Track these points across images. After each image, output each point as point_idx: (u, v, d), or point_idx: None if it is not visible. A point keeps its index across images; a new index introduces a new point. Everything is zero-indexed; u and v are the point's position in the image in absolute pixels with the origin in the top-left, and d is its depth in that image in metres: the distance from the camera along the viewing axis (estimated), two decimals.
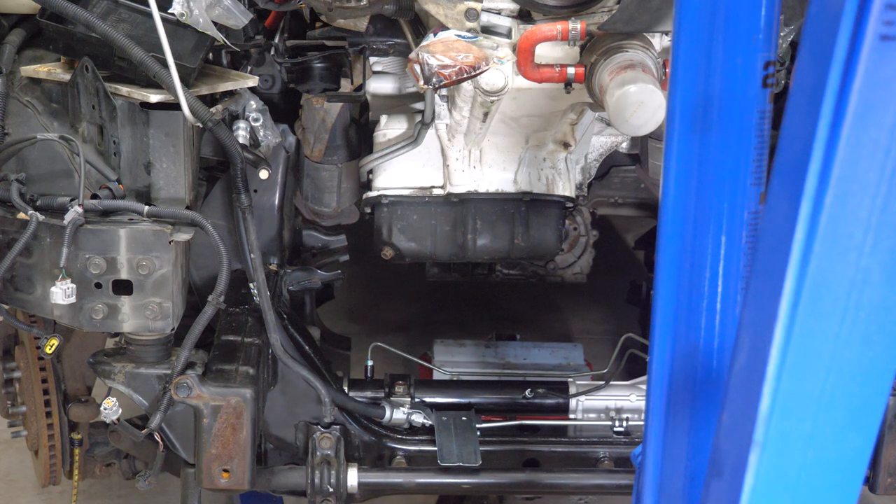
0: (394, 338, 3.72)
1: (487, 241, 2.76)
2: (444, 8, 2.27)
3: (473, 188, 2.73)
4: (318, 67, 2.67)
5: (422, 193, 2.74)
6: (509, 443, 2.78)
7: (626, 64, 2.15)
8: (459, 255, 2.79)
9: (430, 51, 2.17)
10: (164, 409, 2.37)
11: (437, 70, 2.14)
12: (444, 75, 2.14)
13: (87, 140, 2.34)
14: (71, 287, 2.18)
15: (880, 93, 1.02)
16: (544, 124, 2.67)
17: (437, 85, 2.16)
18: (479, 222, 2.75)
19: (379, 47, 2.58)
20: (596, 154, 3.00)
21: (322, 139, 2.71)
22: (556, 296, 4.75)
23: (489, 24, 2.32)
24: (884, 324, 1.12)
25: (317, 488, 2.60)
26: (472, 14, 2.26)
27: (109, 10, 2.31)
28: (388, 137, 2.75)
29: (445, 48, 2.17)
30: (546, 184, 2.74)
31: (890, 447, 2.63)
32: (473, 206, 2.74)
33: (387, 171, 2.75)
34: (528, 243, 2.77)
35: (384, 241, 2.76)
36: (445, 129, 2.68)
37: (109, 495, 3.49)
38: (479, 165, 2.72)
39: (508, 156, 2.73)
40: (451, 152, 2.71)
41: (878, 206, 1.07)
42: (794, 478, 1.18)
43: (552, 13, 2.29)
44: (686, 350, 1.55)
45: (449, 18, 2.27)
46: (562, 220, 2.79)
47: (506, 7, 2.32)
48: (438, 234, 2.76)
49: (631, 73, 2.12)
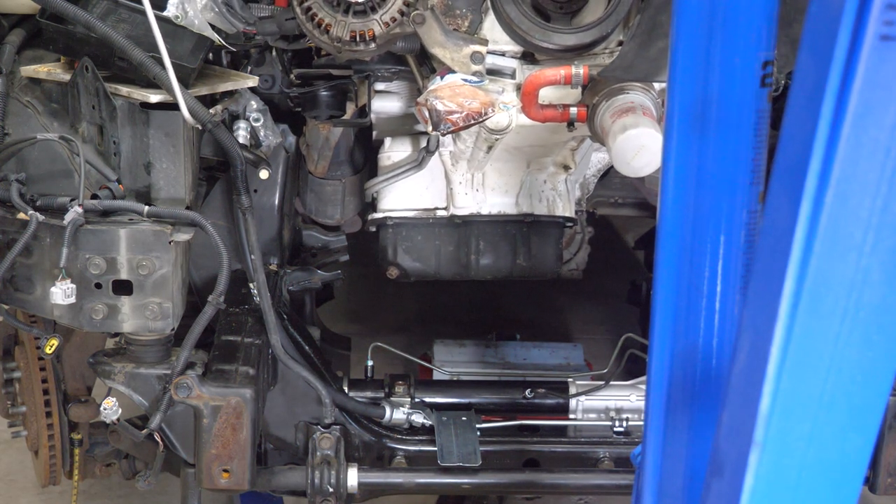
0: (394, 338, 3.72)
1: (490, 260, 2.85)
2: (450, 51, 2.33)
3: (476, 210, 2.81)
4: (325, 95, 2.71)
5: (426, 215, 2.83)
6: (509, 443, 2.78)
7: (626, 107, 2.22)
8: (463, 274, 2.88)
9: (437, 96, 2.23)
10: (164, 409, 2.37)
11: (444, 117, 2.21)
12: (451, 121, 2.22)
13: (87, 140, 2.34)
14: (71, 287, 2.18)
15: (880, 93, 1.02)
16: (546, 152, 2.77)
17: (445, 131, 2.25)
18: (481, 243, 2.84)
19: (383, 74, 2.64)
20: (594, 170, 3.07)
21: (326, 156, 2.76)
22: (556, 296, 4.75)
23: (494, 66, 2.39)
24: (884, 324, 1.12)
25: (317, 488, 2.60)
26: (477, 57, 2.33)
27: (109, 11, 2.31)
28: (393, 160, 2.81)
29: (452, 94, 2.25)
30: (547, 205, 2.83)
31: (890, 447, 2.63)
32: (476, 228, 2.83)
33: (392, 192, 2.82)
34: (530, 263, 2.86)
35: (389, 260, 2.85)
36: (449, 155, 2.75)
37: (109, 495, 3.49)
38: (481, 188, 2.81)
39: (510, 179, 2.81)
40: (454, 176, 2.78)
41: (878, 206, 1.07)
42: (794, 478, 1.18)
43: (555, 56, 2.36)
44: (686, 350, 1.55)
45: (455, 62, 2.33)
46: (562, 240, 2.89)
47: (510, 49, 2.40)
48: (442, 254, 2.85)
49: (632, 117, 2.18)
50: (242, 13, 2.35)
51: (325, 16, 2.29)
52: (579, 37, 2.31)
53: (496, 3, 2.33)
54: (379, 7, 2.29)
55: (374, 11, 2.29)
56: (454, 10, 2.37)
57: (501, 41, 2.39)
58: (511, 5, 2.30)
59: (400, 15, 2.30)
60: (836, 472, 1.19)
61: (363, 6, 2.29)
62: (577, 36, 2.31)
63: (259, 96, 2.59)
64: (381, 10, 2.29)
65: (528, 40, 2.33)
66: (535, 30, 2.31)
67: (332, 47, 2.33)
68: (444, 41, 2.33)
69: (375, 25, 2.29)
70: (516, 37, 2.36)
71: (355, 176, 2.88)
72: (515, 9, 2.30)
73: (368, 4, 2.29)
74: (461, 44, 2.33)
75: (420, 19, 2.31)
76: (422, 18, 2.31)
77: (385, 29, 2.30)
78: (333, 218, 2.94)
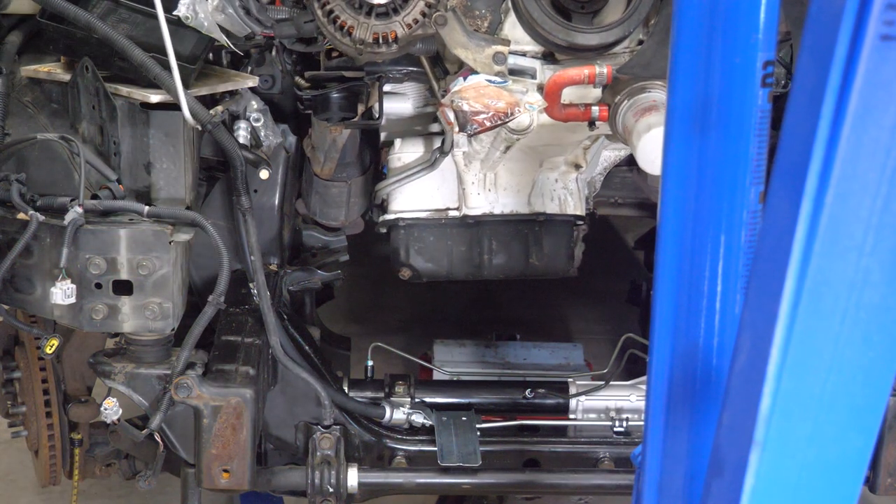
0: (394, 338, 3.72)
1: (503, 260, 2.84)
2: (472, 52, 2.33)
3: (489, 210, 2.80)
4: (337, 97, 2.70)
5: (438, 216, 2.82)
6: (509, 443, 2.78)
7: (649, 105, 2.23)
8: (475, 274, 2.86)
9: (462, 97, 2.23)
10: (164, 410, 2.37)
11: (471, 117, 2.21)
12: (477, 122, 2.22)
13: (87, 140, 2.34)
14: (71, 287, 2.18)
15: (880, 93, 1.02)
16: (560, 151, 2.76)
17: (472, 132, 2.26)
18: (494, 243, 2.83)
19: (395, 76, 2.63)
20: (601, 168, 3.05)
21: (333, 158, 2.74)
22: (556, 296, 4.75)
23: (516, 66, 2.39)
24: (884, 324, 1.11)
25: (317, 488, 2.60)
26: (500, 58, 2.33)
27: (110, 11, 2.31)
28: (404, 161, 2.81)
29: (477, 94, 2.25)
30: (559, 204, 2.82)
31: (890, 447, 2.63)
32: (489, 228, 2.82)
33: (403, 194, 2.81)
34: (543, 262, 2.85)
35: (402, 262, 2.83)
36: (463, 156, 2.74)
37: (109, 495, 3.50)
38: (494, 188, 2.79)
39: (523, 178, 2.80)
40: (467, 177, 2.77)
41: (878, 206, 1.07)
42: (795, 478, 1.18)
43: (576, 55, 2.37)
44: (686, 350, 1.55)
45: (478, 63, 2.34)
46: (573, 238, 2.87)
47: (531, 49, 2.41)
48: (455, 254, 2.84)
49: (655, 115, 2.19)
50: (259, 15, 2.34)
51: (348, 18, 2.29)
52: (602, 36, 2.31)
53: (518, 3, 2.33)
54: (401, 9, 2.29)
55: (397, 13, 2.29)
56: (473, 10, 2.37)
57: (522, 41, 2.39)
58: (533, 5, 2.30)
59: (422, 16, 2.29)
60: (836, 472, 1.19)
61: (385, 8, 2.29)
62: (601, 35, 2.31)
63: (259, 96, 2.59)
64: (404, 11, 2.29)
65: (551, 40, 2.33)
66: (558, 29, 2.31)
67: (353, 49, 2.32)
68: (467, 42, 2.33)
69: (398, 27, 2.29)
70: (538, 37, 2.36)
71: (361, 177, 2.88)
72: (538, 9, 2.30)
73: (391, 6, 2.29)
74: (483, 44, 2.33)
75: (442, 20, 2.30)
76: (444, 20, 2.30)
77: (407, 31, 2.29)
78: (338, 220, 2.93)
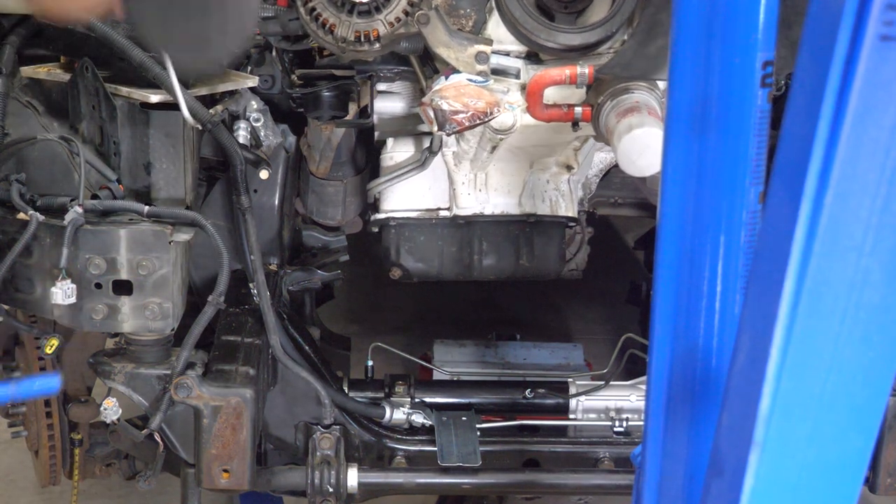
0: (394, 338, 3.72)
1: (493, 261, 2.83)
2: (455, 51, 2.33)
3: (479, 210, 2.79)
4: (328, 96, 2.70)
5: (429, 215, 2.81)
6: (509, 443, 2.78)
7: (631, 106, 2.22)
8: (466, 274, 2.86)
9: (442, 96, 2.23)
10: (164, 410, 2.37)
11: (449, 116, 2.21)
12: (456, 121, 2.22)
13: (87, 140, 2.34)
14: (71, 287, 2.18)
15: (880, 93, 1.02)
16: (549, 152, 2.75)
17: (451, 131, 2.25)
18: (484, 243, 2.82)
19: (386, 74, 2.63)
20: (596, 170, 3.06)
21: (328, 157, 2.75)
22: (556, 296, 4.75)
23: (499, 66, 2.39)
24: (884, 324, 1.11)
25: (317, 488, 2.60)
26: (482, 57, 2.33)
27: None
28: (395, 161, 2.80)
29: (457, 94, 2.25)
30: (550, 205, 2.81)
31: (890, 447, 2.63)
32: (479, 228, 2.81)
33: (394, 193, 2.81)
34: (533, 263, 2.84)
35: (392, 261, 2.83)
36: (452, 155, 2.74)
37: (109, 495, 3.50)
38: (484, 189, 2.79)
39: (513, 179, 2.80)
40: (457, 177, 2.77)
41: (878, 206, 1.07)
42: (794, 478, 1.18)
43: (560, 55, 2.36)
44: (686, 350, 1.55)
45: (460, 62, 2.33)
46: (564, 240, 2.87)
47: (514, 49, 2.40)
48: (445, 254, 2.84)
49: (636, 116, 2.18)
50: None
51: (330, 16, 2.29)
52: (584, 36, 2.31)
53: (501, 3, 2.32)
54: (383, 7, 2.29)
55: (379, 11, 2.29)
56: (458, 9, 2.37)
57: (506, 41, 2.39)
58: (515, 4, 2.30)
59: (404, 15, 2.30)
60: (836, 473, 1.19)
61: (367, 6, 2.29)
62: (583, 35, 2.31)
63: (259, 96, 2.59)
64: (386, 10, 2.29)
65: (533, 40, 2.33)
66: (540, 29, 2.31)
67: (336, 48, 2.32)
68: (449, 41, 2.33)
69: (380, 25, 2.29)
70: (521, 36, 2.35)
71: (357, 177, 2.88)
72: (520, 8, 2.30)
73: (373, 4, 2.29)
74: (466, 44, 2.33)
75: (425, 19, 2.30)
76: (426, 18, 2.30)
77: (389, 29, 2.29)
78: (335, 219, 2.94)
